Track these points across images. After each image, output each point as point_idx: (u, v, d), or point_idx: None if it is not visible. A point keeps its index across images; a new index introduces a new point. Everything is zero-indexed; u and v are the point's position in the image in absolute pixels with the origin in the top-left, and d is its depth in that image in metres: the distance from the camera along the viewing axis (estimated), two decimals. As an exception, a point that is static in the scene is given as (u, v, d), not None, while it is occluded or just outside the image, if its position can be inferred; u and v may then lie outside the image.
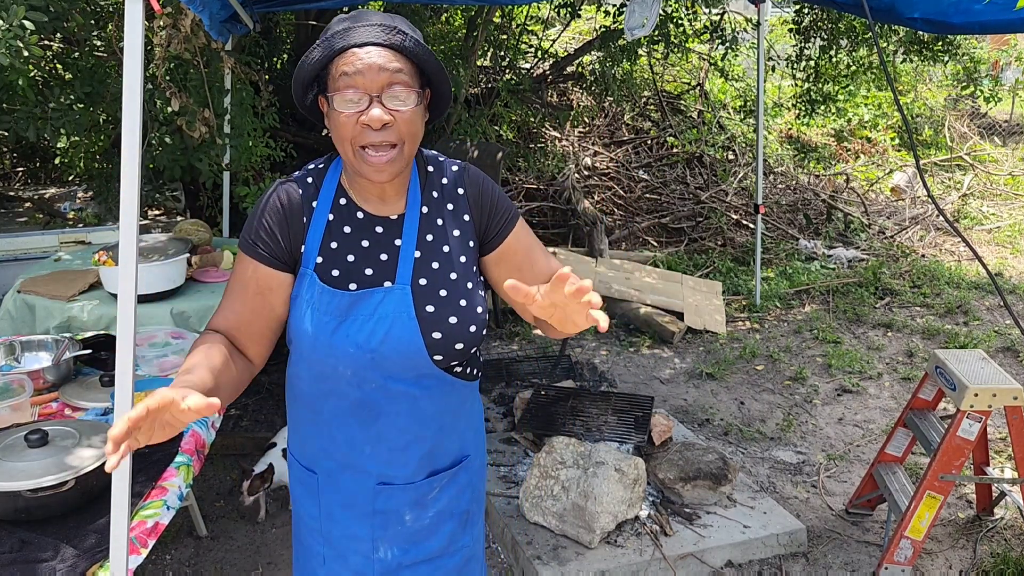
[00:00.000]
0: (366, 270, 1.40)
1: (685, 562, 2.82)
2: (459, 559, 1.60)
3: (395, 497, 1.49)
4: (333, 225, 1.41)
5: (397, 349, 1.38)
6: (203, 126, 3.45)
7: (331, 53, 1.31)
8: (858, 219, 7.32)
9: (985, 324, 5.37)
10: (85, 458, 1.83)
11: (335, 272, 1.39)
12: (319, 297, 1.38)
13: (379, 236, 1.43)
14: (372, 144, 1.32)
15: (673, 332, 5.05)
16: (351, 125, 1.31)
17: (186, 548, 3.00)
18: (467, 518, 1.60)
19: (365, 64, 1.29)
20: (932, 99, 10.38)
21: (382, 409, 1.43)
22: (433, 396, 1.45)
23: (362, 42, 1.30)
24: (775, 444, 3.87)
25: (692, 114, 8.74)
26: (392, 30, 1.31)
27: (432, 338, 1.39)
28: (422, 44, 1.34)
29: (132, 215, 1.63)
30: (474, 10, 5.98)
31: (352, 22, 1.33)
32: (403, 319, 1.38)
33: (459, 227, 1.47)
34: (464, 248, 1.46)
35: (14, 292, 3.12)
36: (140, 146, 1.64)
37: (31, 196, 5.02)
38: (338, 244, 1.41)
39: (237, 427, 3.91)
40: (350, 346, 1.37)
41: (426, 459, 1.49)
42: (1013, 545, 3.07)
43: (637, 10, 3.61)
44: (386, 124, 1.31)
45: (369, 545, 1.51)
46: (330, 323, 1.37)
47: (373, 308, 1.38)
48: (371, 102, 1.30)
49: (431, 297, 1.40)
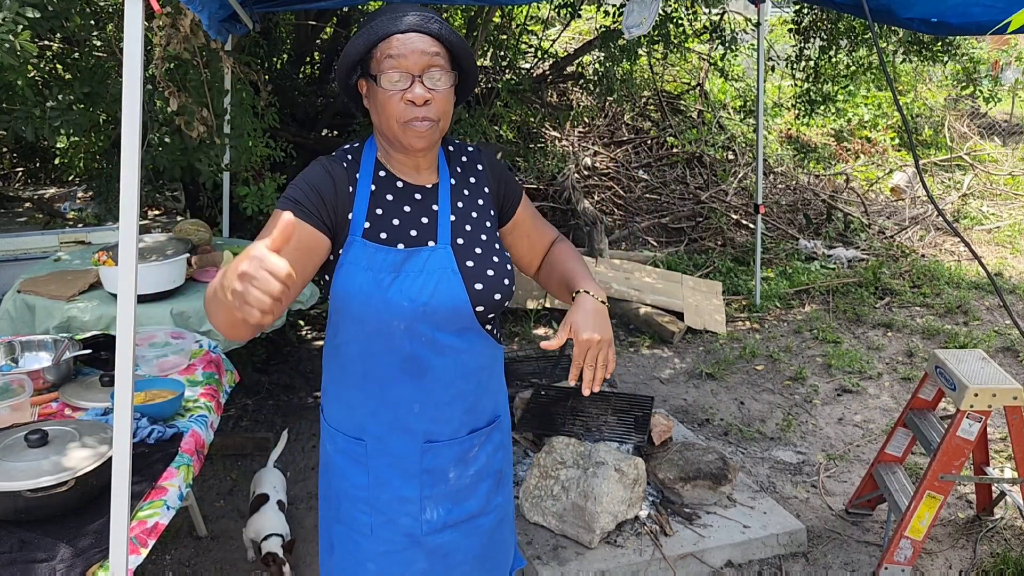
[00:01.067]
0: (411, 231, 1.54)
1: (685, 562, 2.82)
2: (493, 519, 1.71)
3: (441, 454, 1.60)
4: (376, 194, 1.55)
5: (445, 302, 1.51)
6: (202, 126, 3.44)
7: (376, 38, 1.46)
8: (858, 219, 7.32)
9: (985, 324, 5.37)
10: (85, 458, 1.83)
11: (383, 235, 1.52)
12: (373, 256, 1.49)
13: (418, 202, 1.57)
14: (416, 118, 1.46)
15: (673, 332, 5.05)
16: (396, 102, 1.46)
17: (186, 548, 3.00)
18: (500, 478, 1.73)
19: (408, 48, 1.44)
20: (932, 99, 10.38)
21: (430, 363, 1.54)
22: (474, 351, 1.58)
23: (404, 29, 1.45)
24: (775, 444, 3.87)
25: (692, 114, 8.74)
26: (429, 19, 1.47)
27: (475, 289, 1.53)
28: (456, 32, 1.49)
29: (132, 215, 1.63)
30: (474, 10, 5.98)
31: (394, 12, 1.48)
32: (448, 274, 1.51)
33: (481, 197, 1.64)
34: (487, 215, 1.64)
35: (14, 292, 3.12)
36: (140, 146, 1.64)
37: (31, 196, 5.02)
38: (383, 210, 1.54)
39: (237, 427, 3.91)
40: (404, 300, 1.48)
41: (468, 415, 1.61)
42: (1013, 545, 3.07)
43: (636, 9, 3.61)
44: (427, 101, 1.46)
45: (417, 506, 1.61)
46: (385, 279, 1.48)
47: (422, 265, 1.51)
48: (413, 81, 1.45)
49: (469, 254, 1.55)
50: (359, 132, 5.70)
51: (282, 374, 4.49)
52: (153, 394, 2.27)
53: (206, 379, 2.47)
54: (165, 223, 4.47)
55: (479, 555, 1.69)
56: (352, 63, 1.50)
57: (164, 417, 2.19)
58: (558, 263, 1.72)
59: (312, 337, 5.05)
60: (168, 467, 1.97)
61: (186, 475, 1.99)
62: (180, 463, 2.00)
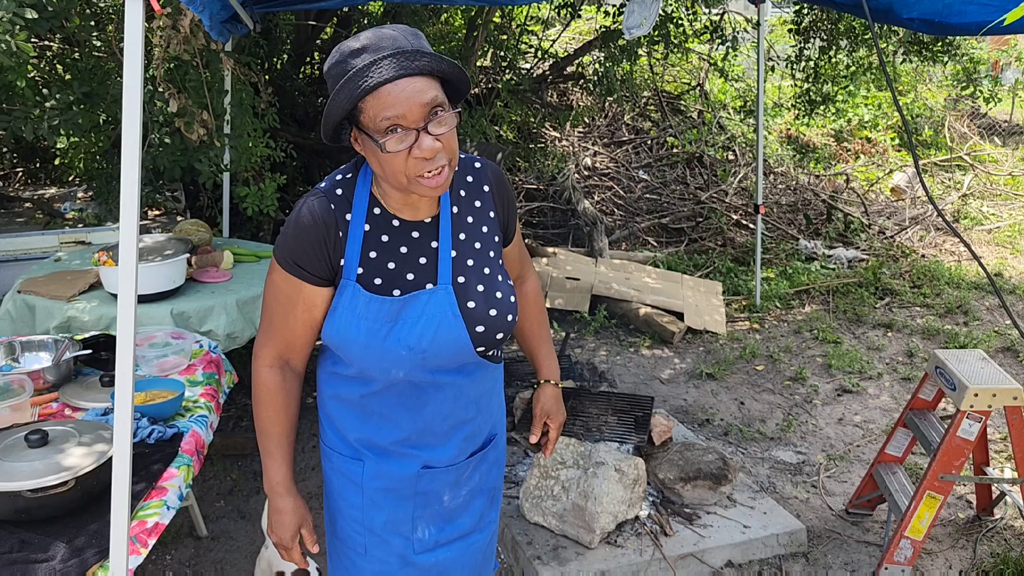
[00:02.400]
0: (407, 275, 1.45)
1: (685, 562, 2.82)
2: (487, 534, 1.70)
3: (437, 479, 1.58)
4: (370, 235, 1.45)
5: (446, 346, 1.45)
6: (201, 128, 3.44)
7: (361, 92, 1.29)
8: (858, 219, 7.32)
9: (985, 324, 5.37)
10: (85, 458, 1.83)
11: (377, 280, 1.44)
12: (366, 307, 1.42)
13: (416, 240, 1.47)
14: (428, 172, 1.34)
15: (673, 332, 5.05)
16: (402, 160, 1.33)
17: (186, 548, 3.00)
18: (494, 494, 1.71)
19: (403, 99, 1.29)
20: (932, 99, 10.38)
21: (429, 398, 1.51)
22: (475, 381, 1.55)
23: (394, 76, 1.28)
24: (775, 444, 3.87)
25: (692, 114, 8.74)
26: (414, 55, 1.30)
27: (476, 332, 1.47)
28: (441, 58, 1.33)
29: (132, 215, 1.63)
30: (474, 10, 5.98)
31: (371, 54, 1.30)
32: (448, 318, 1.44)
33: (486, 223, 1.55)
34: (491, 243, 1.55)
35: (14, 292, 3.12)
36: (140, 146, 1.64)
37: (31, 196, 5.02)
38: (377, 253, 1.45)
39: (237, 427, 3.91)
40: (402, 349, 1.43)
41: (467, 441, 1.59)
42: (1013, 545, 3.07)
43: (636, 10, 3.61)
44: (437, 151, 1.33)
45: (409, 526, 1.59)
46: (381, 330, 1.42)
47: (420, 310, 1.43)
48: (418, 135, 1.31)
49: (471, 294, 1.47)
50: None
51: (282, 374, 4.49)
52: (153, 394, 2.27)
53: (206, 379, 2.47)
54: (165, 223, 4.47)
55: (473, 573, 1.69)
56: (337, 122, 1.36)
57: (164, 417, 2.19)
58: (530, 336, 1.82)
59: (312, 337, 5.05)
60: (168, 467, 1.97)
61: (186, 475, 1.99)
62: (180, 463, 2.00)
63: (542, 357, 1.82)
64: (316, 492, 3.39)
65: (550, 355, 1.82)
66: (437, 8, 6.05)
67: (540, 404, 1.79)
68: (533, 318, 1.81)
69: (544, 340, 1.82)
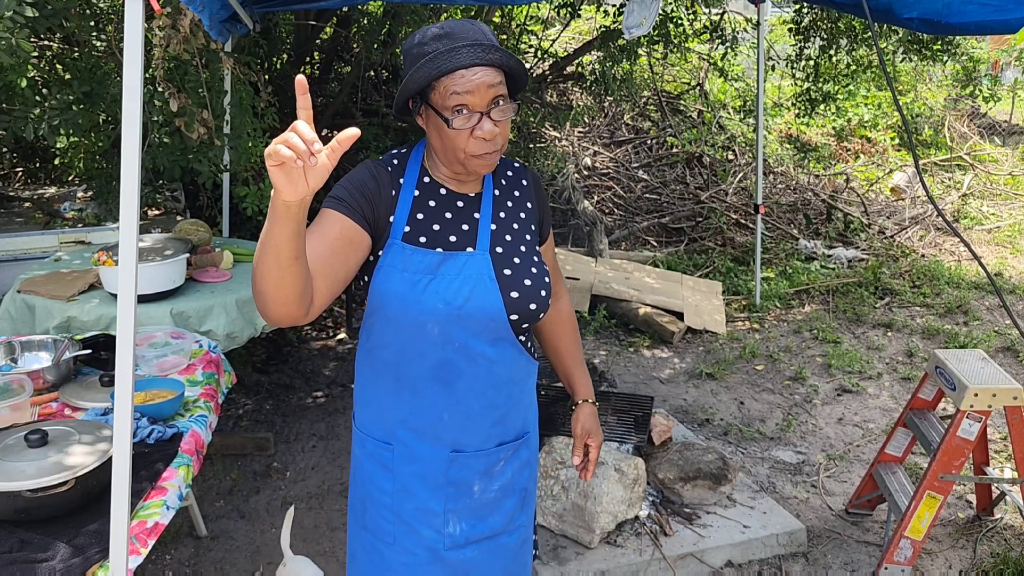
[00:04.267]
0: (450, 237, 1.55)
1: (685, 562, 2.82)
2: (517, 538, 1.70)
3: (467, 466, 1.60)
4: (419, 199, 1.56)
5: (480, 307, 1.52)
6: (201, 127, 3.44)
7: (438, 72, 1.43)
8: (858, 219, 7.32)
9: (985, 324, 5.37)
10: (85, 458, 1.83)
11: (422, 239, 1.53)
12: (410, 258, 1.51)
13: (460, 209, 1.59)
14: (486, 153, 1.48)
15: (673, 332, 5.05)
16: (465, 137, 1.47)
17: (186, 548, 3.00)
18: (525, 496, 1.71)
19: (475, 85, 1.44)
20: (932, 99, 10.38)
21: (462, 371, 1.54)
22: (507, 362, 1.58)
23: (469, 63, 1.43)
24: (775, 444, 3.87)
25: (692, 114, 8.74)
26: (489, 48, 1.45)
27: (510, 297, 1.54)
28: (511, 55, 1.48)
29: (132, 215, 1.63)
30: (474, 10, 5.98)
31: (451, 41, 1.46)
32: (485, 280, 1.52)
33: (524, 211, 1.66)
34: (528, 229, 1.65)
35: (14, 292, 3.12)
36: (140, 146, 1.64)
37: (31, 196, 5.02)
38: (424, 215, 1.55)
39: (237, 427, 3.91)
40: (439, 302, 1.49)
41: (496, 427, 1.61)
42: (1013, 545, 3.07)
43: (636, 9, 3.61)
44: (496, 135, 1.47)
45: (441, 519, 1.60)
46: (421, 280, 1.49)
47: (459, 269, 1.52)
48: (482, 117, 1.46)
49: (507, 262, 1.57)
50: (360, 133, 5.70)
51: (282, 374, 4.49)
52: (153, 394, 2.27)
53: (206, 379, 2.47)
54: (165, 223, 4.47)
55: (502, 575, 1.68)
56: (411, 95, 1.50)
57: (164, 417, 2.19)
58: (564, 355, 1.86)
59: (312, 337, 5.06)
60: (168, 467, 1.97)
61: (186, 475, 1.99)
62: (180, 463, 2.00)
63: (577, 377, 1.85)
64: (316, 492, 3.40)
65: (585, 375, 1.85)
66: (437, 8, 6.04)
67: (579, 424, 1.81)
68: (567, 337, 1.86)
69: (578, 360, 1.86)
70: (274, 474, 3.53)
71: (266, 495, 3.37)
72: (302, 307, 1.31)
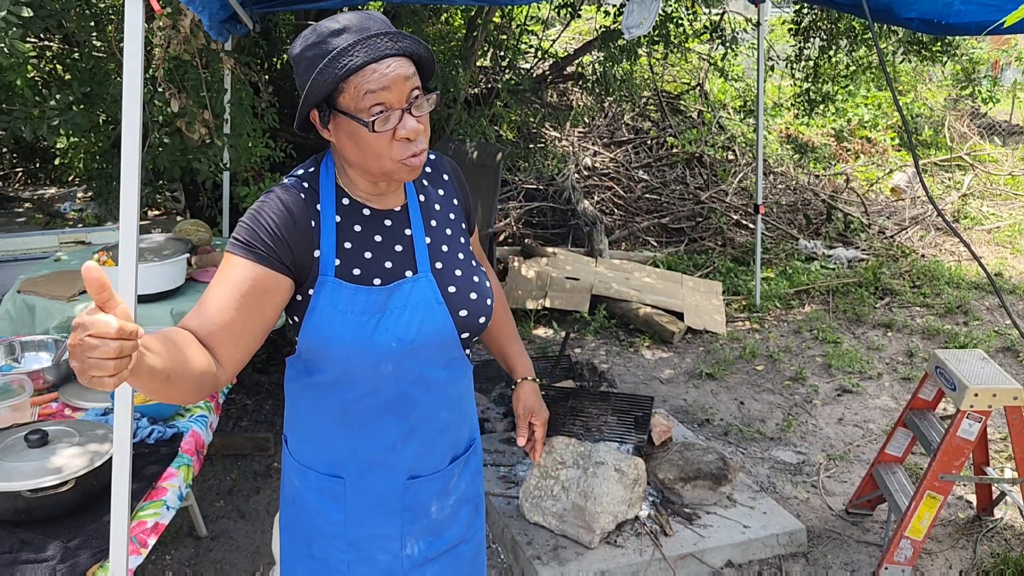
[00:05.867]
0: (385, 263, 1.41)
1: (685, 562, 2.82)
2: (474, 545, 1.65)
3: (424, 489, 1.51)
4: (342, 226, 1.40)
5: (432, 335, 1.41)
6: (202, 127, 3.44)
7: (347, 71, 1.27)
8: (858, 219, 7.32)
9: (985, 324, 5.37)
10: (85, 458, 1.83)
11: (356, 271, 1.38)
12: (351, 300, 1.36)
13: (389, 228, 1.43)
14: (413, 154, 1.32)
15: (673, 332, 5.05)
16: (386, 142, 1.30)
17: (186, 548, 3.00)
18: (478, 502, 1.66)
19: (391, 79, 1.27)
20: (932, 99, 10.38)
21: (417, 401, 1.45)
22: (458, 379, 1.51)
23: (379, 56, 1.27)
24: (775, 444, 3.87)
25: (692, 114, 8.74)
26: (398, 36, 1.30)
27: (460, 317, 1.44)
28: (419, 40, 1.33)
29: (132, 215, 1.63)
30: (474, 10, 5.98)
31: (354, 34, 1.28)
32: (433, 305, 1.41)
33: (452, 211, 1.53)
34: (459, 229, 1.53)
35: (14, 292, 3.12)
36: (140, 146, 1.64)
37: (31, 196, 5.02)
38: (352, 244, 1.39)
39: (237, 427, 3.91)
40: (392, 340, 1.37)
41: (449, 445, 1.54)
42: (1013, 545, 3.07)
43: (636, 9, 3.61)
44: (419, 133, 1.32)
45: (397, 543, 1.51)
46: (369, 322, 1.36)
47: (405, 299, 1.39)
48: (403, 115, 1.30)
49: (450, 278, 1.45)
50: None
51: (282, 374, 4.48)
52: (153, 394, 2.27)
53: (206, 379, 2.47)
54: (165, 223, 4.47)
55: None
56: (315, 104, 1.33)
57: (164, 417, 2.19)
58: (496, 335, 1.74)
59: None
60: (168, 467, 1.97)
61: (186, 475, 1.99)
62: (180, 463, 2.00)
63: (514, 354, 1.74)
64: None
65: (521, 351, 1.75)
66: (437, 8, 6.05)
67: (521, 403, 1.71)
68: (499, 316, 1.73)
69: (513, 337, 1.75)
70: (274, 474, 3.53)
71: (266, 495, 3.37)
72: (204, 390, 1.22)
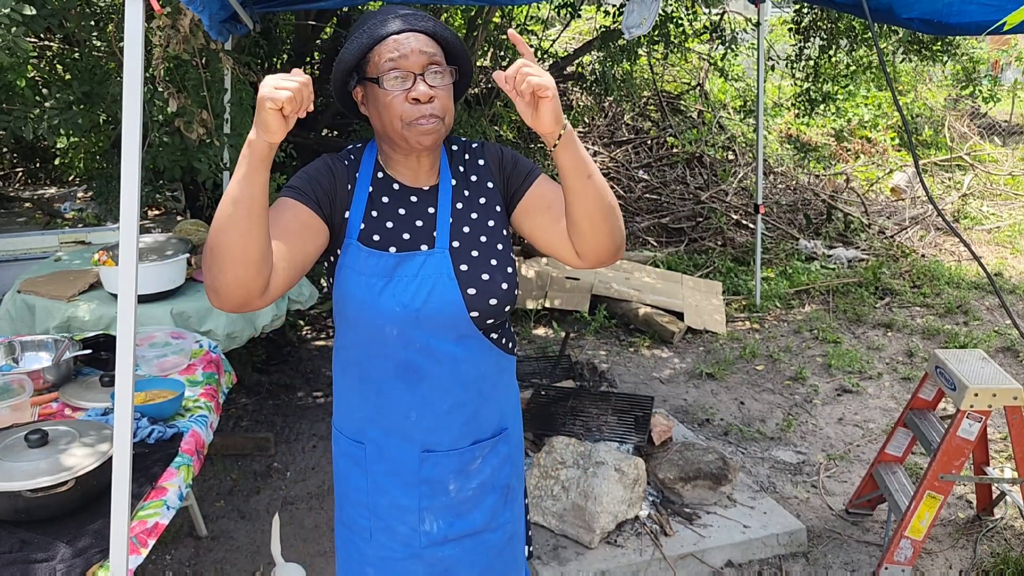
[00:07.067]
0: (403, 235, 1.53)
1: (685, 562, 2.82)
2: (502, 535, 1.67)
3: (440, 464, 1.58)
4: (373, 196, 1.55)
5: (439, 308, 1.49)
6: (201, 127, 3.44)
7: (371, 41, 1.46)
8: (858, 219, 7.32)
9: (985, 324, 5.37)
10: (85, 458, 1.83)
11: (376, 237, 1.52)
12: (366, 260, 1.49)
13: (414, 205, 1.56)
14: (422, 116, 1.46)
15: (673, 332, 5.05)
16: (399, 102, 1.45)
17: (186, 548, 3.00)
18: (508, 493, 1.67)
19: (407, 48, 1.45)
20: (932, 99, 10.38)
21: (426, 371, 1.53)
22: (473, 359, 1.55)
23: (400, 29, 1.46)
24: (775, 444, 3.87)
25: (692, 114, 8.74)
26: (422, 17, 1.49)
27: (468, 294, 1.51)
28: (448, 29, 1.51)
29: (132, 215, 1.63)
30: (474, 10, 5.98)
31: (384, 15, 1.49)
32: (444, 279, 1.50)
33: (484, 195, 1.61)
34: (491, 213, 1.60)
35: (14, 292, 3.12)
36: (140, 146, 1.64)
37: (31, 196, 5.02)
38: (378, 212, 1.54)
39: (237, 427, 3.91)
40: (396, 305, 1.48)
41: (468, 425, 1.59)
42: (1013, 545, 3.07)
43: (636, 9, 3.61)
44: (431, 98, 1.46)
45: (416, 516, 1.59)
46: (376, 284, 1.48)
47: (416, 270, 1.50)
48: (415, 80, 1.45)
49: (464, 257, 1.53)
50: (359, 132, 5.70)
51: (282, 374, 4.49)
52: (153, 394, 2.27)
53: (206, 379, 2.47)
54: (165, 223, 4.47)
55: (485, 573, 1.66)
56: (348, 69, 1.50)
57: (164, 417, 2.19)
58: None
59: (312, 337, 5.06)
60: (168, 467, 1.97)
61: (186, 475, 1.99)
62: (180, 463, 2.00)
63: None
64: (316, 492, 3.40)
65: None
66: (437, 8, 6.04)
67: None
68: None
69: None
70: (274, 474, 3.53)
71: (266, 495, 3.37)
72: (263, 275, 1.32)
